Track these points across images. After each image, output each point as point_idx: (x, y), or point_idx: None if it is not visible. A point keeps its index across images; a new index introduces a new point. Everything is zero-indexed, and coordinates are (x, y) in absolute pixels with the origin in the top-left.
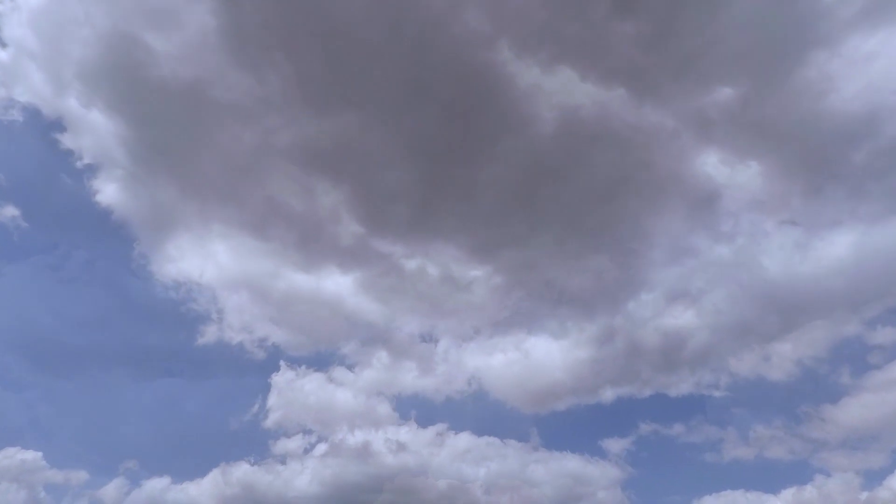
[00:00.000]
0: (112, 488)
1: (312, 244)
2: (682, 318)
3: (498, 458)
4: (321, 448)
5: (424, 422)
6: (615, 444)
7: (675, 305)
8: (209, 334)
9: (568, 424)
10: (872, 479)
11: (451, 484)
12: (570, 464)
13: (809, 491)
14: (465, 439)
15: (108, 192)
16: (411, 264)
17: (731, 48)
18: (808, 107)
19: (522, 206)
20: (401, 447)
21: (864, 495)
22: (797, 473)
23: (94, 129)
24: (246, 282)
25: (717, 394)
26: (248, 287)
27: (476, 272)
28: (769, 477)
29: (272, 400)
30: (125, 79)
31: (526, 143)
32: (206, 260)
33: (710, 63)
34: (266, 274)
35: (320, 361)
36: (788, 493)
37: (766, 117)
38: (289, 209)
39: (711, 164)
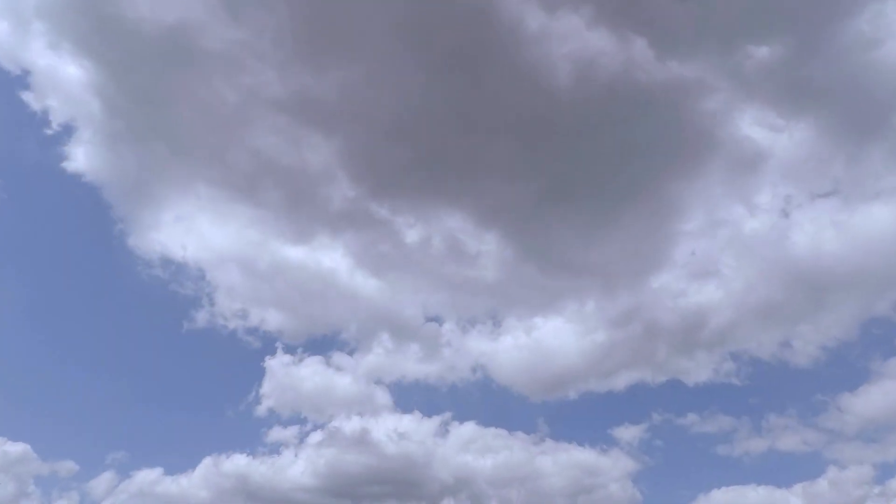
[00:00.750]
0: (102, 480)
1: (305, 210)
2: (706, 296)
3: (504, 450)
4: (318, 437)
5: (428, 410)
6: (627, 434)
7: (698, 282)
8: (199, 318)
9: (578, 413)
10: (888, 471)
11: (455, 476)
12: (580, 455)
13: (821, 484)
14: (469, 429)
15: (81, 156)
16: (413, 234)
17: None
18: (857, 62)
19: (535, 170)
20: (402, 437)
21: (878, 489)
22: (810, 466)
23: (63, 82)
24: (236, 258)
25: (734, 381)
26: (238, 264)
27: (485, 245)
28: (781, 470)
29: (266, 387)
30: (97, 20)
31: (539, 99)
32: (191, 232)
33: (748, 14)
34: (256, 247)
35: (317, 346)
36: (800, 487)
37: (811, 74)
38: (279, 169)
39: (746, 127)
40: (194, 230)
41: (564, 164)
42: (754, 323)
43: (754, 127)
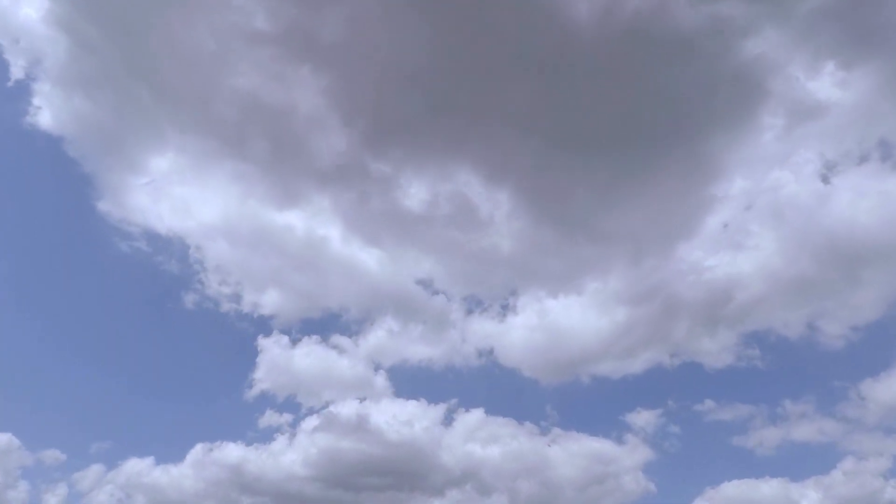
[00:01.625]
0: (89, 470)
1: (295, 166)
2: (733, 268)
3: (512, 438)
4: (314, 424)
5: (432, 396)
6: (640, 420)
7: (727, 253)
8: (184, 296)
9: (591, 399)
10: None
11: (460, 466)
12: (591, 444)
13: (835, 476)
14: (476, 417)
15: (42, 105)
16: (416, 195)
17: None
18: None
19: (554, 120)
20: (404, 424)
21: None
22: (826, 458)
23: (21, 18)
24: (222, 227)
25: (756, 363)
26: (224, 234)
27: (497, 208)
28: (796, 462)
29: (260, 371)
30: None
31: (558, 39)
32: (170, 196)
33: None
34: (243, 213)
35: (312, 327)
36: (814, 481)
37: (872, 17)
38: (267, 117)
39: (795, 78)
40: (174, 193)
41: (586, 115)
42: (782, 299)
43: (805, 78)
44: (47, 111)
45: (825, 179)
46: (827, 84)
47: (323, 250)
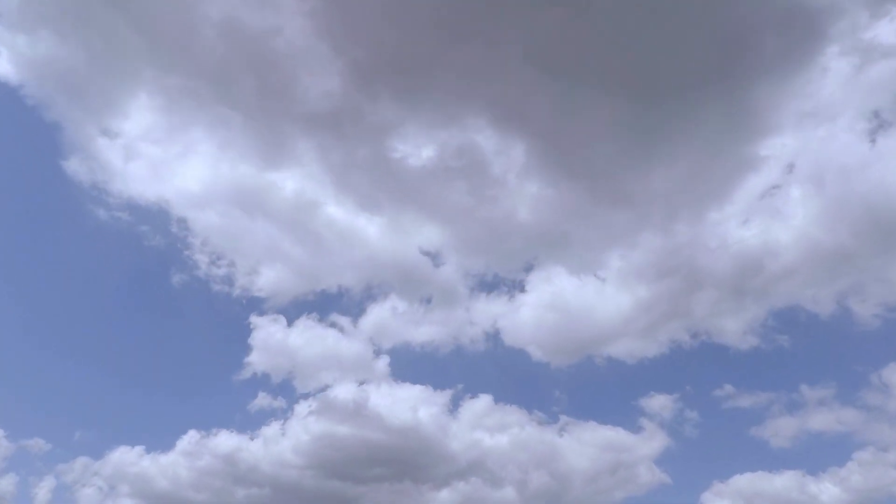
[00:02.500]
0: (76, 460)
1: (280, 110)
2: (765, 237)
3: (521, 426)
4: (310, 410)
5: (436, 381)
6: (656, 404)
7: (760, 220)
8: (172, 274)
9: (604, 385)
10: None
11: (466, 456)
12: (603, 433)
13: (851, 468)
14: (483, 404)
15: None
16: (417, 149)
17: None
18: None
19: (580, 60)
20: (407, 411)
21: None
22: (843, 448)
23: None
24: (205, 191)
25: (778, 344)
26: (207, 198)
27: (510, 166)
28: (812, 453)
29: (254, 356)
30: None
31: None
32: (145, 154)
33: None
34: (228, 174)
35: (309, 306)
36: (830, 473)
37: None
38: (252, 58)
39: (852, 19)
40: (152, 153)
41: (617, 54)
42: (814, 273)
43: (868, 22)
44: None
45: (872, 139)
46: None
47: (315, 216)
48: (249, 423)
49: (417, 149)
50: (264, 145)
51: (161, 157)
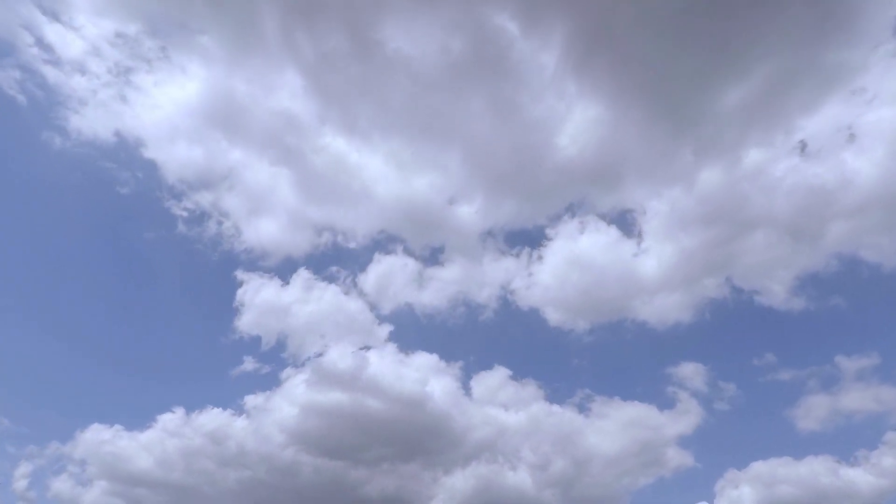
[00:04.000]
0: (45, 440)
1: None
2: (835, 172)
3: (538, 403)
4: (304, 381)
5: (446, 351)
6: (684, 374)
7: (830, 151)
8: (145, 223)
9: (632, 354)
10: None
11: (477, 436)
12: (629, 410)
13: (884, 451)
14: (497, 377)
15: None
16: (420, 44)
17: None
18: None
19: None
20: (413, 383)
21: None
22: (877, 428)
23: None
24: (177, 117)
25: (835, 300)
26: (181, 131)
27: (539, 73)
28: (848, 437)
29: (243, 319)
30: None
31: None
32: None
33: None
34: (208, 92)
35: (302, 261)
36: (864, 458)
37: None
38: None
39: None
40: (106, 54)
41: None
42: (881, 218)
43: None
44: None
45: None
46: None
47: (303, 143)
48: (238, 397)
49: (419, 43)
50: (246, 53)
51: (116, 64)
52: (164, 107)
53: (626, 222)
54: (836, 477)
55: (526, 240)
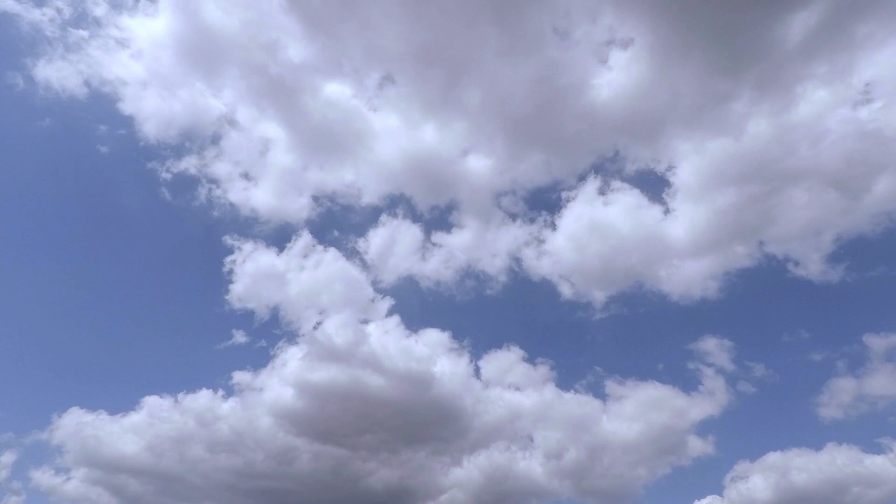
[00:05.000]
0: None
1: None
2: (889, 121)
3: (550, 386)
4: (298, 357)
5: (454, 327)
6: (711, 352)
7: (886, 98)
8: (126, 187)
9: (653, 330)
10: None
11: (486, 422)
12: (648, 391)
13: None
14: (508, 357)
15: None
16: None
17: None
18: None
19: None
20: (417, 362)
21: None
22: None
23: None
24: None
25: (873, 270)
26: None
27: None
28: (872, 424)
29: (236, 292)
30: None
31: None
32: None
33: None
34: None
35: (299, 226)
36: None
37: None
38: None
39: None
40: None
41: None
42: None
43: None
44: None
45: None
46: None
47: (297, 89)
48: (229, 376)
49: None
50: None
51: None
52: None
53: (654, 182)
54: (861, 466)
55: (544, 202)
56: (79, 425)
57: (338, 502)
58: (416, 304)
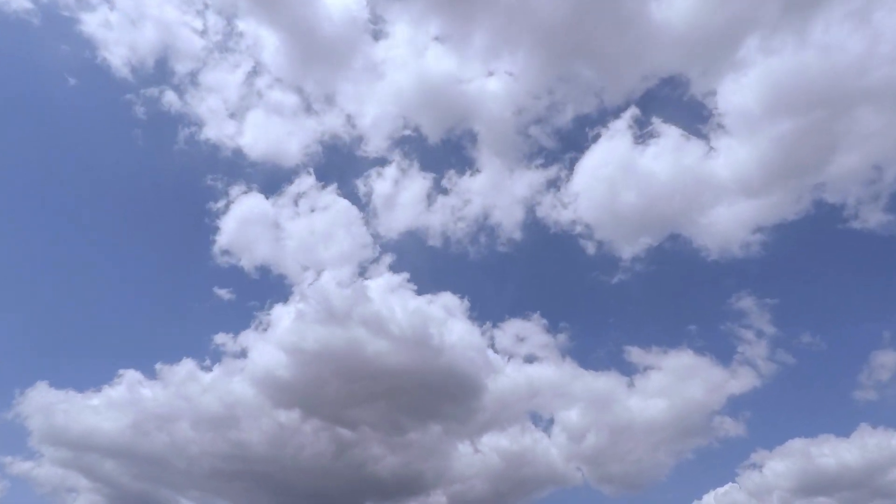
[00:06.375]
0: None
1: None
2: None
3: (568, 359)
4: (290, 319)
5: (464, 288)
6: (742, 307)
7: None
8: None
9: (685, 288)
10: None
11: (498, 396)
12: (678, 361)
13: None
14: (524, 325)
15: None
16: None
17: None
18: None
19: None
20: (422, 326)
21: None
22: None
23: None
24: None
25: None
26: None
27: None
28: None
29: (221, 244)
30: None
31: None
32: None
33: None
34: None
35: (294, 170)
36: None
37: None
38: None
39: None
40: None
41: None
42: None
43: None
44: None
45: None
46: None
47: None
48: (212, 342)
49: None
50: None
51: None
52: None
53: (699, 114)
54: None
55: (570, 139)
56: (46, 403)
57: (340, 491)
58: (424, 261)
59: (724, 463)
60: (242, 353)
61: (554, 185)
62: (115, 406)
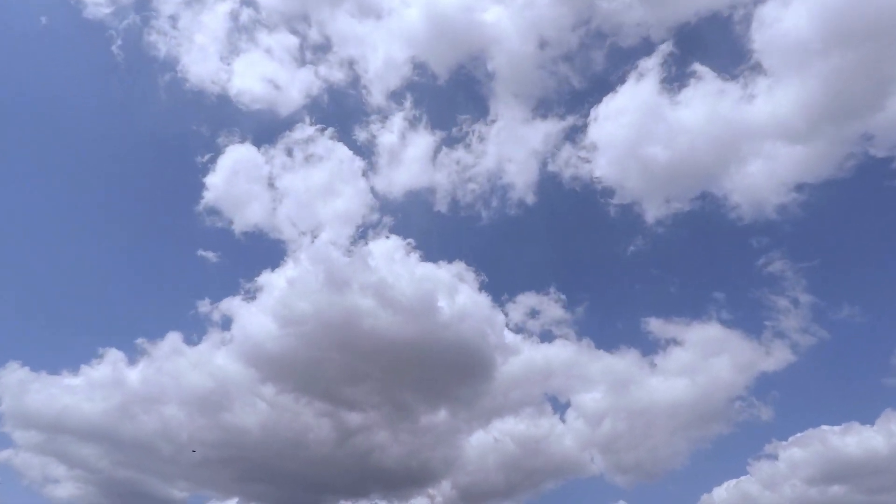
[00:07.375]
0: None
1: None
2: None
3: (587, 337)
4: (283, 285)
5: (471, 256)
6: (785, 279)
7: None
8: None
9: (717, 252)
10: None
11: (511, 376)
12: (705, 334)
13: None
14: (540, 299)
15: None
16: None
17: None
18: None
19: None
20: (428, 294)
21: None
22: None
23: None
24: None
25: None
26: None
27: None
28: None
29: (209, 200)
30: None
31: None
32: None
33: None
34: None
35: (290, 119)
36: None
37: None
38: None
39: None
40: None
41: None
42: None
43: None
44: None
45: None
46: None
47: None
48: (200, 313)
49: None
50: None
51: None
52: None
53: (739, 51)
54: None
55: (596, 81)
56: (18, 383)
57: (345, 483)
58: (430, 225)
59: (739, 453)
60: (227, 324)
61: (574, 135)
62: (95, 386)
